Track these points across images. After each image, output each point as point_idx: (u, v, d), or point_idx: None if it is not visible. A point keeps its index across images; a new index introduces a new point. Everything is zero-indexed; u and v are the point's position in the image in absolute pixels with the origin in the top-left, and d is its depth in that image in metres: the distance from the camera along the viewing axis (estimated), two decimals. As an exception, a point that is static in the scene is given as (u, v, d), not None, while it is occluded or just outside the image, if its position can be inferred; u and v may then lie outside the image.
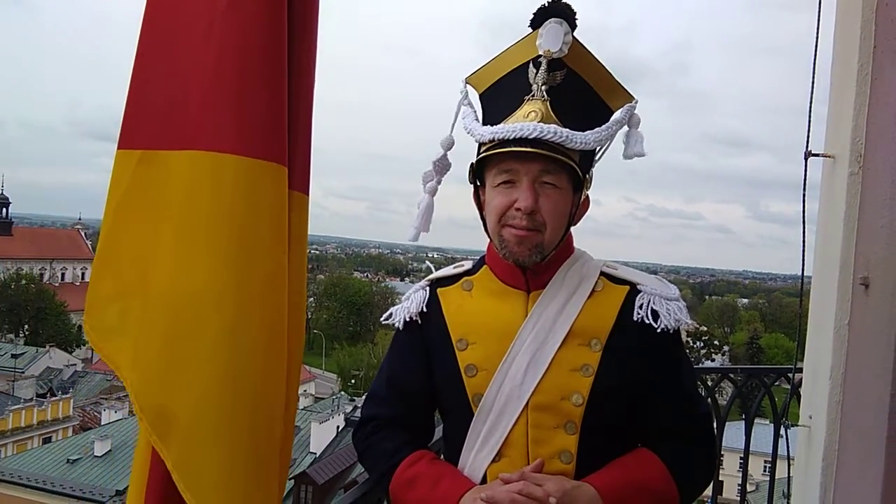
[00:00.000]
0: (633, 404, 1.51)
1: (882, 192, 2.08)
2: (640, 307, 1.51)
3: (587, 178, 1.54)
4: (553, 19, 1.45)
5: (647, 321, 1.49)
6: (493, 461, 1.50)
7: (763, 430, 3.38)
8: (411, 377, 1.63)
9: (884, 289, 2.07)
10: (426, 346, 1.62)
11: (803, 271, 2.36)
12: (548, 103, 1.46)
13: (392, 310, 1.69)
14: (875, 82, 2.10)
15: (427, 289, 1.66)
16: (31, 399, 33.16)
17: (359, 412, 1.80)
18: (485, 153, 1.50)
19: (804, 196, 2.33)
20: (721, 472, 2.63)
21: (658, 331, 1.49)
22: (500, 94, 1.53)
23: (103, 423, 31.64)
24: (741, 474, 3.84)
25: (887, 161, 2.08)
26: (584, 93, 1.50)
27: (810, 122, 2.28)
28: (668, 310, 1.50)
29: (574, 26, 1.46)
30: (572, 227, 1.57)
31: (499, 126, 1.48)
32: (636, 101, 1.55)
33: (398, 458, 1.57)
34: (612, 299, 1.53)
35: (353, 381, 53.91)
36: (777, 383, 3.21)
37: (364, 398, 1.85)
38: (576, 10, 1.47)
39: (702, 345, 66.96)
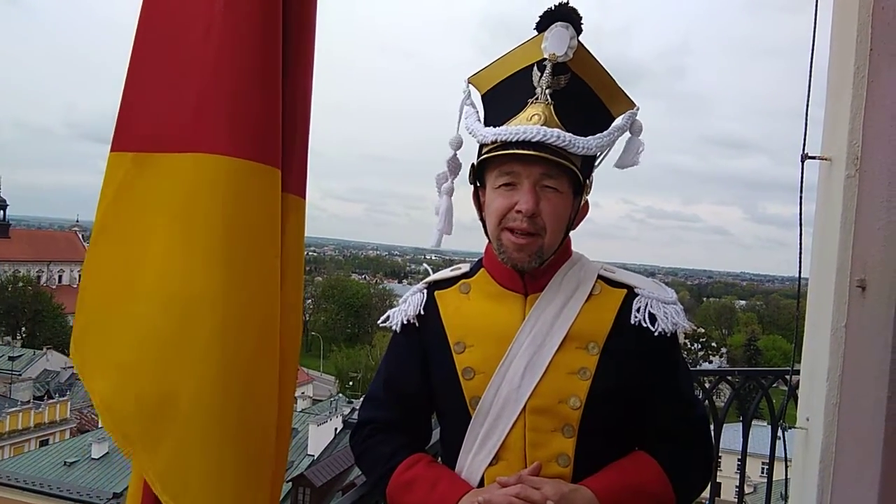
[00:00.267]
0: (630, 407, 1.51)
1: (879, 195, 2.08)
2: (638, 310, 1.51)
3: (587, 183, 1.54)
4: (559, 23, 1.45)
5: (644, 324, 1.49)
6: (491, 464, 1.50)
7: (761, 432, 3.38)
8: (409, 380, 1.63)
9: (880, 291, 2.07)
10: (424, 349, 1.62)
11: (800, 273, 2.36)
12: (551, 107, 1.45)
13: (389, 312, 1.69)
14: (871, 85, 2.10)
15: (424, 291, 1.66)
16: (29, 401, 33.03)
17: (356, 414, 1.79)
18: (487, 154, 1.50)
19: (801, 198, 2.34)
20: (719, 473, 2.63)
21: (655, 334, 1.49)
22: (502, 96, 1.53)
23: (100, 426, 31.52)
24: (739, 476, 3.84)
25: (884, 163, 2.08)
26: (587, 98, 1.50)
27: (807, 125, 2.28)
28: (666, 313, 1.50)
29: (580, 31, 1.46)
30: (571, 232, 1.57)
31: (502, 128, 1.47)
32: (637, 108, 1.55)
33: (395, 461, 1.57)
34: (610, 303, 1.53)
35: (351, 383, 53.81)
36: (774, 385, 3.21)
37: (361, 401, 1.84)
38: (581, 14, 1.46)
39: (699, 347, 66.96)
